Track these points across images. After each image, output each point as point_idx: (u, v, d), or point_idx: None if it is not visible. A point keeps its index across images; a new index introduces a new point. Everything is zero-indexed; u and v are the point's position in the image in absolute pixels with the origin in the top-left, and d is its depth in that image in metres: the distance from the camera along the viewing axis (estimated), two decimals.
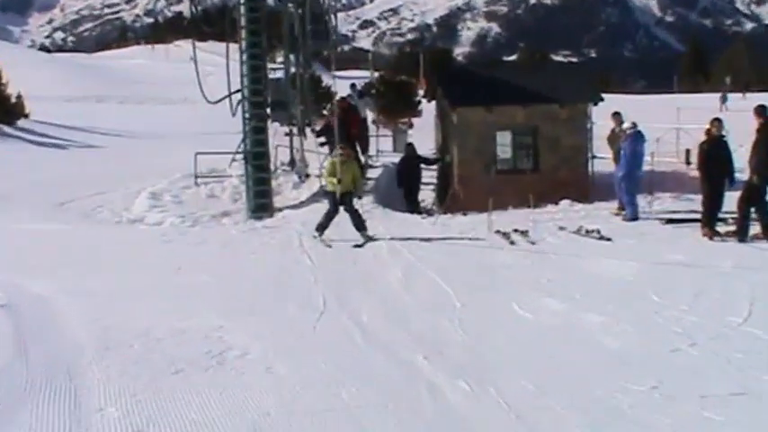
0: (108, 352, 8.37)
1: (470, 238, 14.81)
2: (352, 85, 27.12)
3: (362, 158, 23.71)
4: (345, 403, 6.84)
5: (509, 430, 6.24)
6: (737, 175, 14.51)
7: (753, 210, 13.75)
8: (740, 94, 54.21)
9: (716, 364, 7.63)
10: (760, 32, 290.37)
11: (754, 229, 13.76)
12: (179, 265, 13.19)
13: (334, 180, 14.72)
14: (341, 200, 14.78)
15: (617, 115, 18.62)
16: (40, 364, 8.02)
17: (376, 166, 24.59)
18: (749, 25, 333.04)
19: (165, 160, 24.80)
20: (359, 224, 14.77)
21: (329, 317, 9.75)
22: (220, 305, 10.30)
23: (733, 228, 14.10)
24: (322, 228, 14.83)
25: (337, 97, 25.69)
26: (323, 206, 15.90)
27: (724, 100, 46.50)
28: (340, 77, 31.83)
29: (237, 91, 20.28)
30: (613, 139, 18.71)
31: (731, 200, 14.22)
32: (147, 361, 8.07)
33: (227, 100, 20.60)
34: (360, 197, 16.19)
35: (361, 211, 15.35)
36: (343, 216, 14.98)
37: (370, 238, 14.53)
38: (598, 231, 14.76)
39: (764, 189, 13.64)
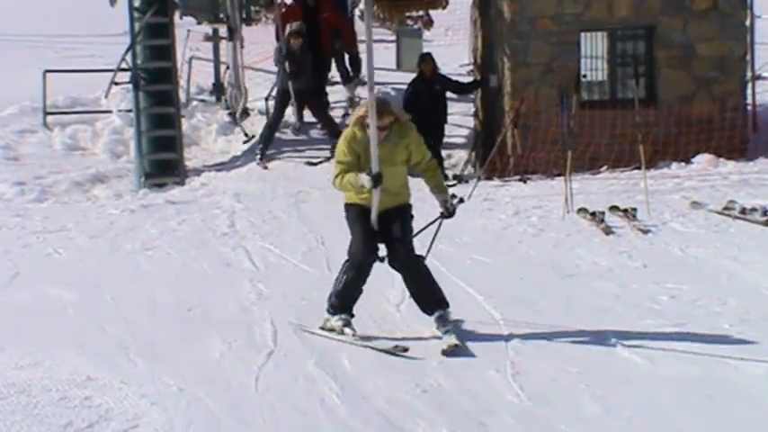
0: None
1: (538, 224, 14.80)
2: None
3: (347, 89, 23.78)
4: None
5: None
6: None
7: None
8: None
9: None
10: None
11: None
12: (14, 270, 13.24)
13: (359, 184, 9.96)
14: (383, 230, 10.16)
15: None
16: None
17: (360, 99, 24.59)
18: None
19: None
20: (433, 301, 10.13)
21: (284, 362, 9.73)
22: (89, 341, 10.29)
23: None
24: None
25: None
26: (273, 169, 15.79)
27: None
28: None
29: None
30: None
31: None
32: None
33: None
34: (450, 212, 10.45)
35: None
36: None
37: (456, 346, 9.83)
38: (764, 210, 14.73)
39: None
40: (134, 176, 19.03)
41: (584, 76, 21.23)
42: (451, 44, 27.78)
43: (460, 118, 23.86)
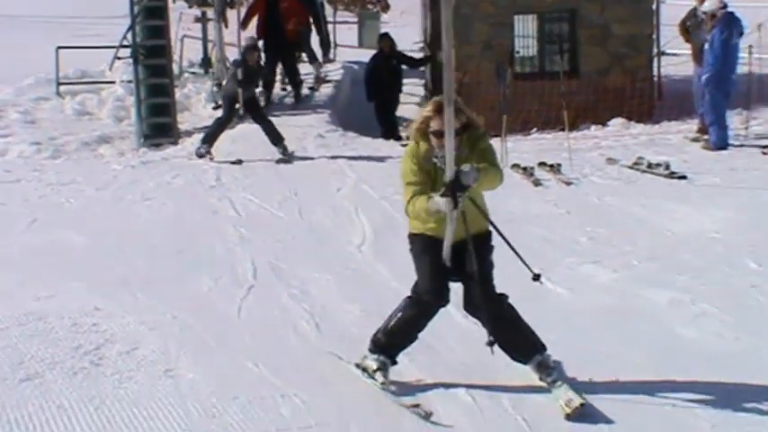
0: None
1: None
2: None
3: (314, 68, 23.69)
4: (287, 424, 6.79)
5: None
6: None
7: None
8: None
9: None
10: None
11: None
12: (32, 217, 13.14)
13: (434, 209, 6.76)
14: (456, 266, 7.04)
15: None
16: None
17: (330, 77, 24.49)
18: None
19: (8, 58, 24.50)
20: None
21: (262, 294, 9.74)
22: (96, 277, 10.25)
23: None
24: None
25: None
26: (254, 129, 15.69)
27: None
28: None
29: None
30: (693, 26, 18.64)
31: None
32: None
33: None
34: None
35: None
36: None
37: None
38: (667, 165, 14.78)
39: None
40: (134, 137, 18.89)
41: (518, 52, 21.36)
42: (406, 25, 27.72)
43: (413, 87, 23.84)
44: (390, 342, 7.04)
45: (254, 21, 22.24)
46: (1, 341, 8.40)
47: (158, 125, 19.16)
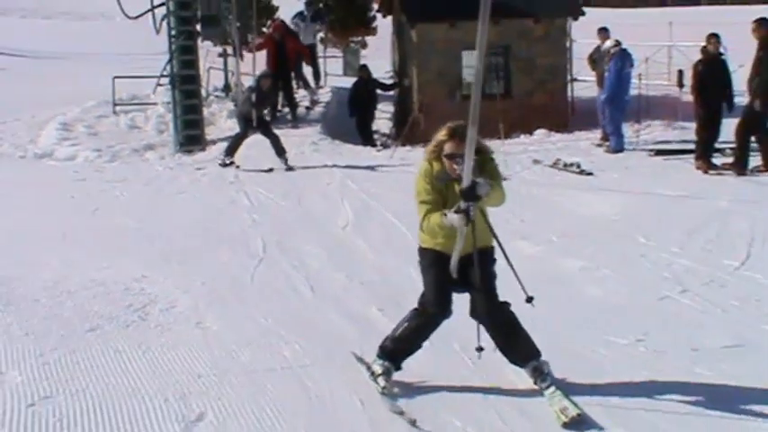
0: (10, 308, 8.25)
1: None
2: (308, 4, 26.59)
3: (309, 93, 23.62)
4: (288, 363, 6.79)
5: (473, 388, 6.26)
6: (736, 100, 14.54)
7: (753, 138, 13.82)
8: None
9: (709, 314, 7.71)
10: None
11: (755, 161, 13.86)
12: (95, 206, 13.07)
13: (447, 225, 5.87)
14: (462, 277, 6.17)
15: (603, 32, 18.57)
16: None
17: (320, 99, 24.40)
18: None
19: (77, 85, 24.39)
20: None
21: (269, 264, 9.73)
22: (143, 252, 10.22)
23: (730, 159, 14.19)
24: None
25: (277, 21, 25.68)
26: (261, 139, 15.63)
27: None
28: None
29: (162, 4, 19.86)
30: (597, 59, 18.71)
31: (729, 128, 14.28)
32: (57, 317, 7.96)
33: (149, 14, 20.16)
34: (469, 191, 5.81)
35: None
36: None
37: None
38: (578, 165, 14.82)
39: (766, 115, 13.67)
40: (172, 145, 18.78)
41: (464, 79, 21.24)
42: (379, 58, 27.65)
43: (384, 106, 23.76)
44: (396, 348, 6.15)
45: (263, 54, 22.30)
46: (72, 301, 8.40)
47: (190, 136, 19.07)
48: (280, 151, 15.41)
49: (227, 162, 15.57)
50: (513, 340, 5.98)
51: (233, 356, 6.96)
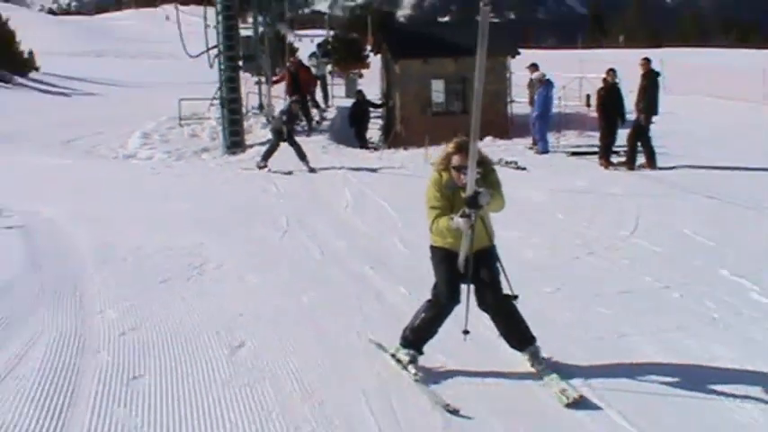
0: (106, 265, 8.24)
1: (403, 171, 14.75)
2: (319, 46, 26.63)
3: (318, 112, 23.49)
4: (305, 306, 6.81)
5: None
6: (627, 116, 14.59)
7: (639, 144, 13.88)
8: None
9: (608, 270, 7.74)
10: (648, 1, 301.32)
11: (641, 159, 13.90)
12: (166, 193, 12.98)
13: (453, 227, 5.18)
14: (467, 270, 5.31)
15: (533, 66, 18.52)
16: (50, 275, 7.89)
17: (327, 117, 24.31)
18: None
19: (153, 105, 24.21)
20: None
21: (291, 235, 9.68)
22: (200, 225, 10.17)
23: (623, 159, 14.22)
24: None
25: (296, 58, 25.63)
26: (287, 148, 15.48)
27: None
28: (301, 35, 31.26)
29: (214, 47, 19.80)
30: (529, 86, 18.67)
31: (622, 136, 14.32)
32: (139, 272, 7.96)
33: (205, 54, 20.14)
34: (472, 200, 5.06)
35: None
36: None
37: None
38: (515, 162, 14.77)
39: (648, 127, 13.79)
40: (221, 149, 18.68)
41: (433, 100, 21.14)
42: (371, 85, 27.60)
43: (376, 119, 23.68)
44: (417, 337, 5.35)
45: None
46: (150, 261, 8.39)
47: (234, 142, 18.97)
48: (302, 156, 15.04)
49: (262, 165, 15.36)
50: (512, 328, 5.27)
51: (265, 302, 6.94)
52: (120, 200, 12.35)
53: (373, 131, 23.46)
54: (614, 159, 14.39)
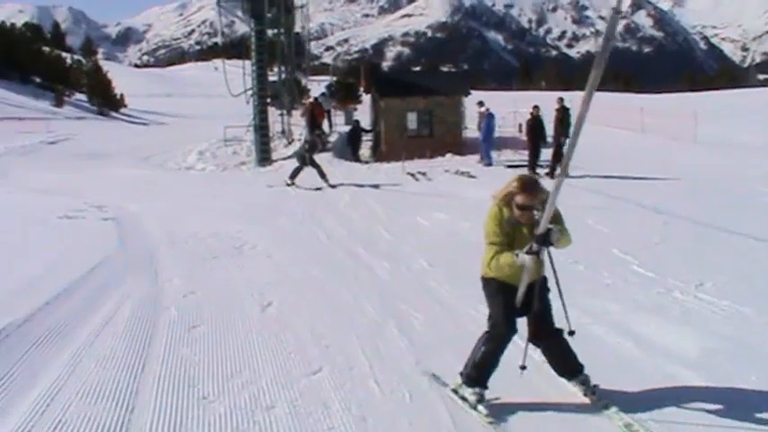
0: (173, 245, 8.22)
1: (390, 179, 14.68)
2: (328, 86, 26.47)
3: (324, 139, 23.28)
4: (315, 276, 6.80)
5: (411, 287, 6.32)
6: (549, 140, 14.66)
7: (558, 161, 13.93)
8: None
9: None
10: (561, 58, 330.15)
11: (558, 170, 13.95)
12: (214, 194, 12.94)
13: (518, 264, 3.76)
14: (523, 304, 3.88)
15: (480, 103, 18.58)
16: (133, 252, 7.88)
17: (331, 140, 24.19)
18: (553, 52, 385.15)
19: (206, 131, 24.05)
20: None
21: (306, 225, 9.65)
22: (239, 217, 10.13)
23: (546, 170, 14.29)
24: None
25: (311, 97, 25.57)
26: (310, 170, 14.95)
27: None
28: (312, 80, 31.00)
29: (250, 89, 19.77)
30: (478, 117, 18.68)
31: (545, 154, 14.39)
32: (196, 251, 7.92)
33: (244, 94, 20.09)
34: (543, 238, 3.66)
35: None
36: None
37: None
38: (468, 172, 14.78)
39: (562, 147, 13.84)
40: (254, 163, 18.63)
41: (407, 128, 21.11)
42: (364, 114, 27.50)
43: (367, 140, 23.53)
44: (480, 374, 3.90)
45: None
46: (203, 243, 8.33)
47: (264, 158, 18.87)
48: (322, 176, 13.86)
49: (290, 183, 14.08)
50: (562, 359, 3.96)
51: (286, 272, 6.92)
52: (181, 199, 12.28)
53: (365, 149, 23.40)
54: (539, 170, 14.44)
